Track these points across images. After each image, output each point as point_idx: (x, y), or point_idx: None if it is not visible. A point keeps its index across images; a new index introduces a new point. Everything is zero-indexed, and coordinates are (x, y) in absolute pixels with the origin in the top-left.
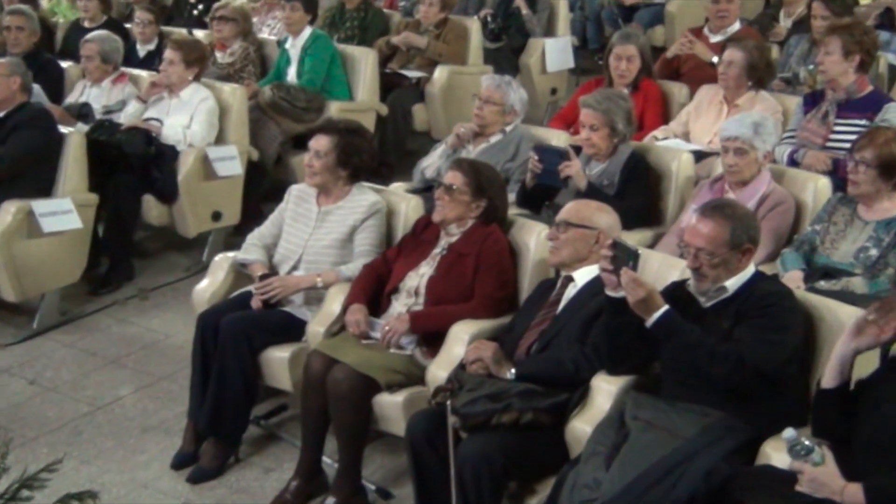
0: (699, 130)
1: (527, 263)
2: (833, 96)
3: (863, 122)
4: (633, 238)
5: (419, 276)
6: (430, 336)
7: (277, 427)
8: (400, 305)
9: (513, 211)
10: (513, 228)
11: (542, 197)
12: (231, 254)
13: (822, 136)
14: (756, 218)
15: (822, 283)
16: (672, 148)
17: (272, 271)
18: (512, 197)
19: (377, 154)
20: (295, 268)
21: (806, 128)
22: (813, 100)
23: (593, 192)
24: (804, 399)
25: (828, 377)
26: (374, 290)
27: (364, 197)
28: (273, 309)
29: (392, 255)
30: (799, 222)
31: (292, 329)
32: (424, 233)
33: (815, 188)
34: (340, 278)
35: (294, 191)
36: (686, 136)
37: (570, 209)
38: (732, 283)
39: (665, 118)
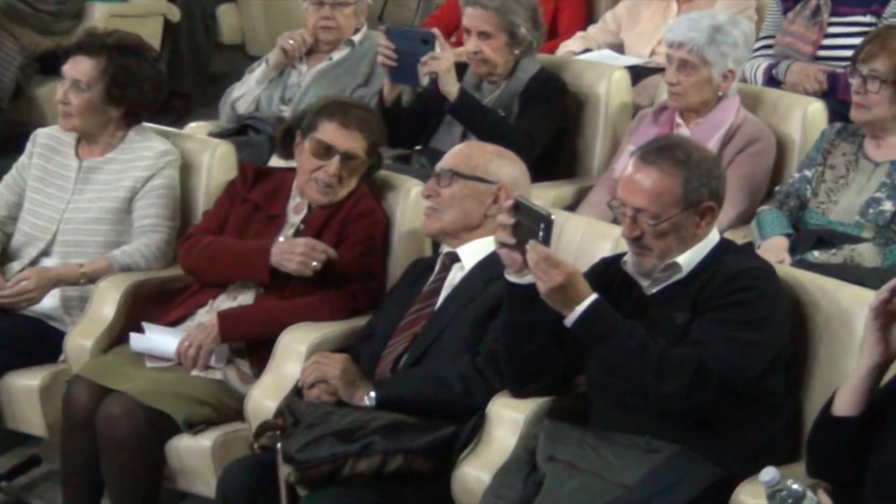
0: (637, 38)
1: (390, 236)
2: None
3: (867, 18)
4: (542, 194)
5: None
6: (251, 349)
7: (26, 491)
8: (214, 311)
9: None
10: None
11: (410, 126)
12: None
13: (813, 41)
14: (720, 163)
15: (817, 254)
16: (599, 63)
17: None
18: None
19: (165, 81)
20: (45, 253)
21: (788, 31)
22: None
23: (469, 106)
24: (792, 423)
25: (844, 399)
26: None
27: (147, 145)
28: (11, 315)
29: (216, 218)
30: (782, 167)
31: (43, 344)
32: (255, 190)
33: (805, 117)
34: (114, 267)
35: (41, 138)
36: (617, 49)
37: (458, 154)
38: (687, 259)
39: (588, 21)
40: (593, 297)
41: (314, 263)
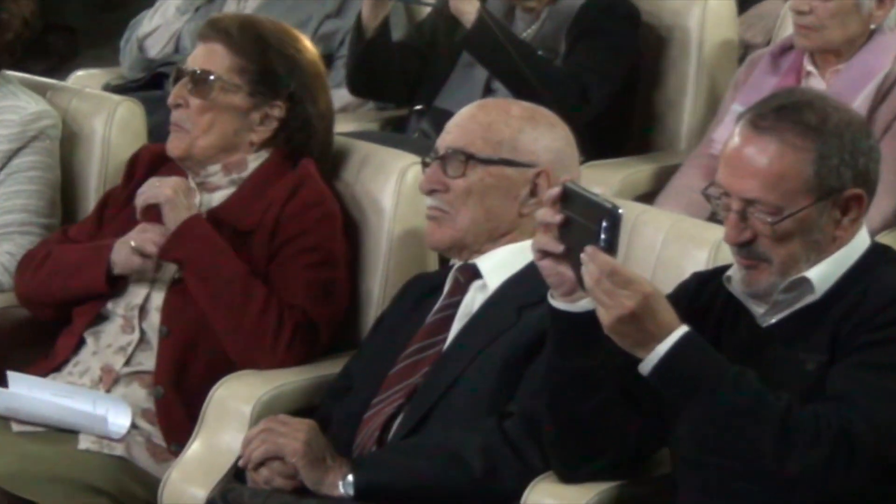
0: None
1: (377, 242)
2: None
3: None
4: (604, 178)
5: (148, 285)
6: (168, 409)
7: None
8: (104, 350)
9: (343, 126)
10: (344, 166)
11: (404, 72)
12: None
13: None
14: (870, 131)
15: None
16: None
17: None
18: (342, 96)
19: (35, 10)
20: None
21: None
22: None
23: (492, 36)
24: None
25: None
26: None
27: (11, 104)
28: None
29: (80, 233)
30: None
31: None
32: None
33: None
34: None
35: None
36: None
37: (470, 124)
38: (823, 274)
39: None
40: (682, 330)
41: None
